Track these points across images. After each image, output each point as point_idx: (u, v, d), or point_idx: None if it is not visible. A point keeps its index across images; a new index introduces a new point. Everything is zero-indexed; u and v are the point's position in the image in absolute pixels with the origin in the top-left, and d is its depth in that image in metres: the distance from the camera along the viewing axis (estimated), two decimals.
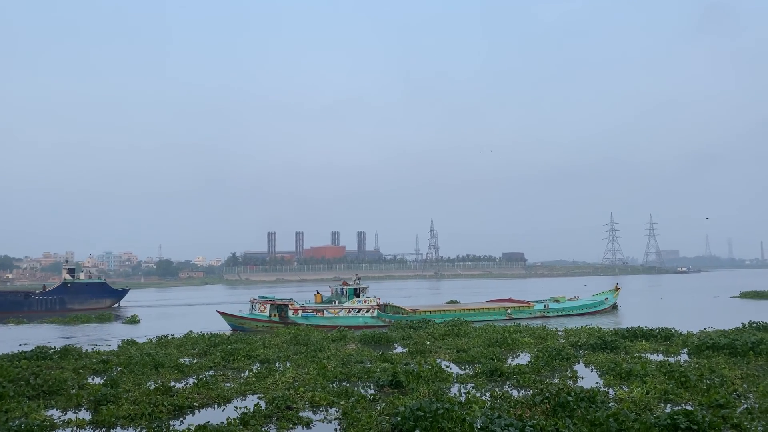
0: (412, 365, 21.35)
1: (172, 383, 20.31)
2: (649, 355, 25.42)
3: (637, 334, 30.01)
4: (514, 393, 18.28)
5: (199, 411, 17.15)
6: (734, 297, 69.35)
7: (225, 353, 26.08)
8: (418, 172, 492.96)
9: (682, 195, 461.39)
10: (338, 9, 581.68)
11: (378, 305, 44.93)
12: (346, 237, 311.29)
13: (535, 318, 47.50)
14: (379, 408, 16.45)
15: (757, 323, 32.86)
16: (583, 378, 20.78)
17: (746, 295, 69.64)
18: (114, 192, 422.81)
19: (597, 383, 19.46)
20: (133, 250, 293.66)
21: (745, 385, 18.35)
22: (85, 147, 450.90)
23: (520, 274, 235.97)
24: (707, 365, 21.14)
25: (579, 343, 28.00)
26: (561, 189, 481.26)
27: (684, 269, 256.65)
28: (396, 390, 18.68)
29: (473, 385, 19.61)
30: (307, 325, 40.13)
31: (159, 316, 61.38)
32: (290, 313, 42.46)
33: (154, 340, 32.95)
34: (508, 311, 47.87)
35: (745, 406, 15.71)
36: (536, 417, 14.23)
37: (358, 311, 43.88)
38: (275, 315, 42.41)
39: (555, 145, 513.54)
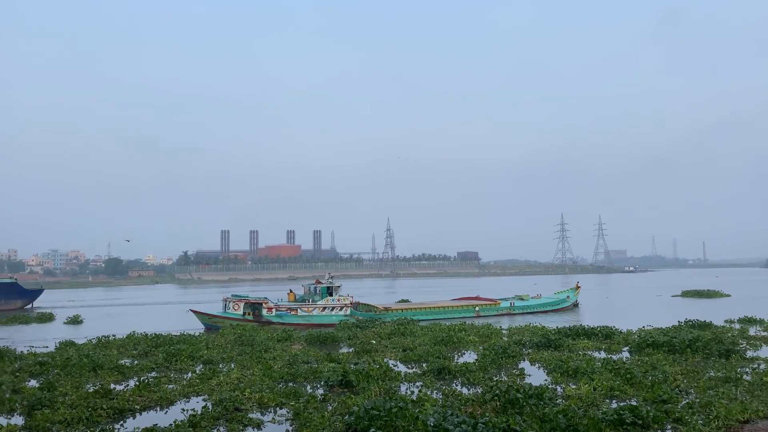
0: (361, 364, 21.13)
1: (112, 386, 19.81)
2: (592, 352, 26.01)
3: (579, 333, 30.68)
4: (465, 391, 18.47)
5: (141, 414, 16.77)
6: (676, 296, 71.80)
7: (167, 354, 25.49)
8: (377, 171, 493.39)
9: (631, 196, 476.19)
10: (300, 7, 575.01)
11: (351, 303, 45.36)
12: (302, 236, 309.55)
13: (501, 315, 49.02)
14: (331, 408, 16.41)
15: (692, 321, 34.25)
16: (530, 375, 21.14)
17: (687, 294, 72.25)
18: (61, 187, 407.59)
19: (545, 380, 19.73)
20: (80, 248, 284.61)
21: (685, 381, 18.94)
22: (33, 140, 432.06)
23: (473, 272, 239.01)
24: (649, 362, 21.82)
25: (523, 342, 28.49)
26: (516, 190, 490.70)
27: (631, 269, 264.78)
28: (346, 389, 18.67)
29: (421, 383, 19.63)
30: (281, 323, 40.42)
31: (104, 316, 59.33)
32: (264, 312, 42.56)
33: (94, 341, 31.93)
34: (477, 309, 49.12)
35: (686, 401, 16.24)
36: (487, 414, 14.43)
37: (332, 309, 44.17)
38: (249, 313, 42.43)
39: (513, 146, 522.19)
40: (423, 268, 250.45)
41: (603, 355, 25.28)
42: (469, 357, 25.41)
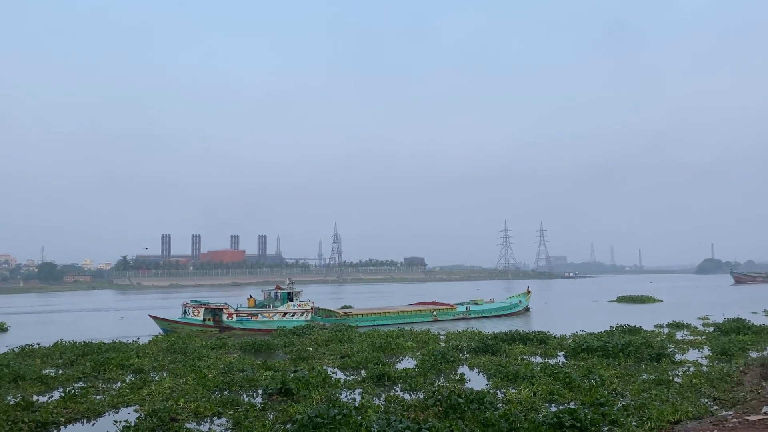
0: (301, 372, 20.75)
1: (35, 397, 18.88)
2: (528, 357, 26.50)
3: (515, 338, 31.21)
4: (407, 396, 18.41)
5: (66, 427, 16.08)
6: (611, 301, 74.18)
7: (95, 363, 24.57)
8: (324, 176, 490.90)
9: (572, 204, 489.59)
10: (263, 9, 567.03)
11: (312, 309, 45.33)
12: (246, 241, 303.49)
13: (458, 320, 50.12)
14: (272, 416, 16.15)
15: (623, 326, 35.40)
16: (470, 381, 21.34)
17: (622, 299, 74.62)
18: None
19: (486, 385, 19.90)
20: (11, 251, 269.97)
21: (620, 384, 19.49)
22: None
23: (420, 278, 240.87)
24: (585, 366, 22.32)
25: (460, 347, 28.78)
26: (463, 196, 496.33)
27: (571, 274, 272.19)
28: (286, 397, 18.37)
29: (361, 390, 19.43)
30: (242, 329, 40.33)
31: (34, 323, 56.50)
32: (225, 317, 42.31)
33: (17, 349, 30.32)
34: (434, 313, 50.03)
35: (622, 403, 16.64)
36: (430, 419, 14.46)
37: (293, 315, 44.14)
38: (209, 319, 42.30)
39: (460, 153, 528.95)
40: (370, 273, 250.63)
41: (539, 359, 25.82)
42: (408, 363, 25.47)
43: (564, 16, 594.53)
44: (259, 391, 19.56)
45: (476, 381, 21.29)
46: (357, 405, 16.26)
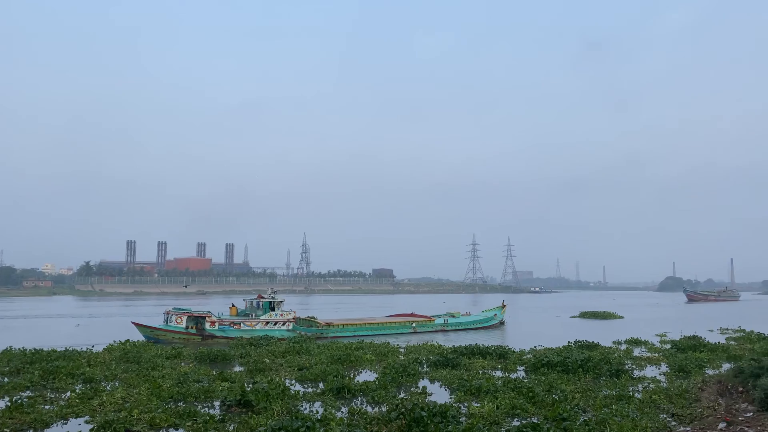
0: (261, 383, 20.28)
1: None
2: (488, 371, 26.51)
3: (475, 352, 31.23)
4: (369, 409, 18.19)
5: None
6: (574, 317, 75.12)
7: (44, 371, 23.74)
8: (295, 186, 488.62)
9: (540, 220, 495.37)
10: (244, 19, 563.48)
11: (293, 318, 45.33)
12: (213, 249, 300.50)
13: (436, 332, 50.89)
14: (232, 428, 15.90)
15: (581, 342, 35.84)
16: (432, 394, 21.25)
17: (584, 315, 75.74)
18: None
19: (449, 399, 19.77)
20: None
21: (582, 399, 19.59)
22: None
23: (388, 290, 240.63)
24: (547, 381, 22.32)
25: (420, 360, 28.66)
26: (433, 209, 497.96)
27: (537, 289, 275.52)
28: (245, 409, 18.03)
29: (321, 403, 19.13)
30: (224, 337, 40.41)
31: None
32: (207, 326, 42.28)
33: None
34: (414, 325, 50.71)
35: (584, 418, 16.64)
36: None
37: (275, 324, 44.11)
38: (192, 327, 42.29)
39: (432, 166, 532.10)
40: (338, 284, 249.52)
41: (500, 374, 25.88)
42: (368, 376, 25.26)
43: (544, 33, 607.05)
44: (216, 403, 19.16)
45: (438, 394, 21.19)
46: (320, 417, 16.06)
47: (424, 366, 27.66)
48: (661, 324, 59.68)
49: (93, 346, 33.80)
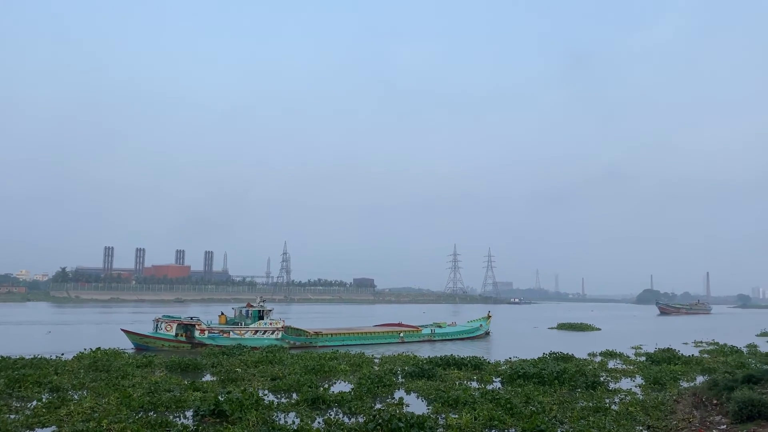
0: (235, 393, 19.93)
1: None
2: (464, 382, 26.40)
3: (450, 363, 31.15)
4: (346, 420, 17.98)
5: None
6: (552, 328, 75.53)
7: (10, 380, 23.15)
8: (278, 194, 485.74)
9: (520, 231, 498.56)
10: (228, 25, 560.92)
11: (282, 327, 45.50)
12: (192, 256, 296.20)
13: (423, 342, 51.26)
14: None
15: (555, 353, 35.95)
16: (408, 405, 21.11)
17: (562, 326, 76.06)
18: None
19: (427, 410, 19.65)
20: None
21: (560, 411, 19.49)
22: None
23: (368, 299, 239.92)
24: (524, 392, 22.26)
25: (394, 371, 28.52)
26: (416, 218, 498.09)
27: (516, 300, 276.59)
28: (219, 419, 17.77)
29: (296, 413, 18.86)
30: (214, 345, 40.26)
31: None
32: (197, 333, 42.32)
33: None
34: (401, 335, 51.03)
35: (561, 430, 16.64)
36: None
37: (264, 333, 44.27)
38: (182, 334, 42.24)
39: (414, 175, 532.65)
40: (318, 293, 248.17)
41: (476, 384, 25.84)
42: (342, 386, 25.02)
43: (528, 46, 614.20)
44: (189, 413, 18.84)
45: (415, 405, 21.06)
46: (296, 428, 15.89)
47: (399, 377, 27.49)
48: (636, 336, 60.22)
49: (62, 354, 33.04)
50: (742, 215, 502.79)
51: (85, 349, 34.04)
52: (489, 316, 63.31)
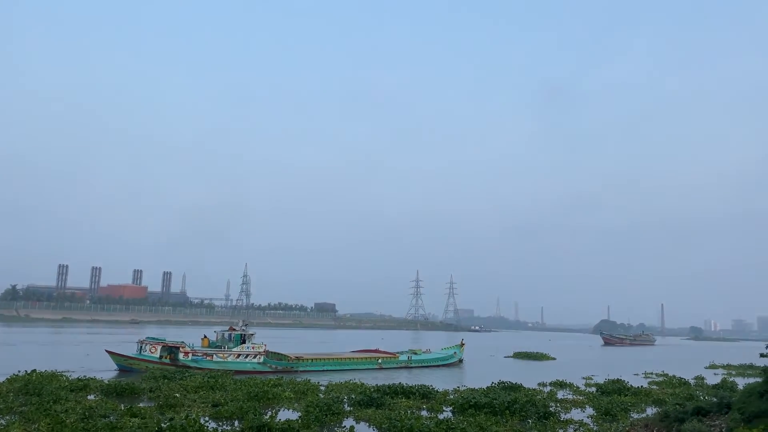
0: (178, 420, 19.43)
1: None
2: (415, 411, 26.22)
3: (398, 391, 30.93)
4: None
5: None
6: (508, 356, 75.79)
7: None
8: (236, 214, 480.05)
9: (482, 259, 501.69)
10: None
11: (264, 351, 46.12)
12: (150, 277, 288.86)
13: (401, 368, 52.28)
14: None
15: (504, 383, 36.01)
16: None
17: (518, 355, 76.50)
18: None
19: None
20: None
21: None
22: None
23: (329, 324, 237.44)
24: (476, 423, 22.24)
25: (341, 399, 28.14)
26: (380, 244, 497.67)
27: (477, 328, 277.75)
28: None
29: None
30: (197, 368, 40.58)
31: None
32: (180, 356, 42.71)
33: None
34: (379, 361, 51.90)
35: None
36: None
37: (246, 357, 44.98)
38: (166, 356, 42.64)
39: (383, 201, 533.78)
40: (278, 317, 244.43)
41: (426, 413, 25.68)
42: (287, 414, 24.61)
43: (499, 78, 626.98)
44: None
45: None
46: None
47: (347, 405, 27.12)
48: (589, 366, 61.03)
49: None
50: (697, 250, 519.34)
51: (19, 371, 32.41)
52: (462, 344, 64.64)
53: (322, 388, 33.18)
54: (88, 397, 26.80)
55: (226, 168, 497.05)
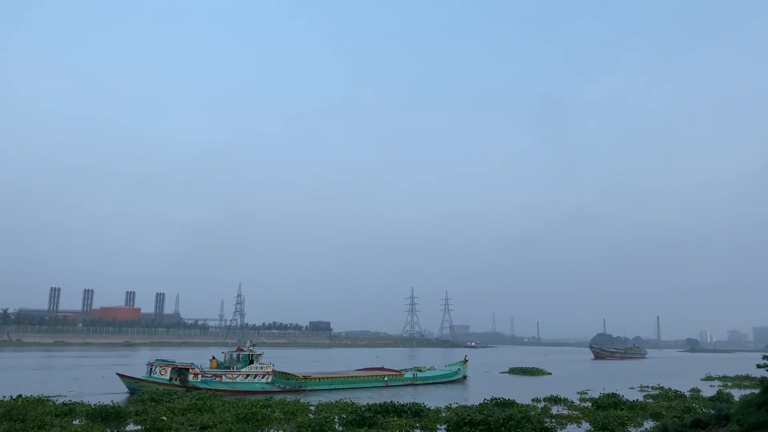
0: None
1: None
2: (408, 430, 25.96)
3: (389, 410, 30.68)
4: None
5: None
6: (503, 372, 75.49)
7: None
8: (232, 234, 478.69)
9: (477, 275, 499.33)
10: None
11: (272, 371, 46.49)
12: (143, 298, 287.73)
13: (407, 385, 52.77)
14: None
15: (497, 399, 35.72)
16: None
17: (513, 370, 76.24)
18: None
19: None
20: None
21: None
22: None
23: (325, 343, 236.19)
24: None
25: (332, 419, 27.78)
26: (374, 262, 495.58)
27: (473, 344, 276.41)
28: None
29: None
30: (207, 389, 40.87)
31: None
32: (190, 377, 42.96)
33: None
34: (386, 379, 52.41)
35: None
36: None
37: (255, 377, 45.32)
38: (176, 378, 42.89)
39: (376, 220, 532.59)
40: (273, 337, 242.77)
41: None
42: None
43: (493, 91, 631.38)
44: None
45: None
46: None
47: (337, 425, 26.85)
48: (585, 381, 60.68)
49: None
50: (693, 262, 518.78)
51: (4, 397, 31.95)
52: (466, 360, 65.15)
53: (312, 408, 32.81)
54: (74, 422, 26.39)
55: (220, 190, 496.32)
